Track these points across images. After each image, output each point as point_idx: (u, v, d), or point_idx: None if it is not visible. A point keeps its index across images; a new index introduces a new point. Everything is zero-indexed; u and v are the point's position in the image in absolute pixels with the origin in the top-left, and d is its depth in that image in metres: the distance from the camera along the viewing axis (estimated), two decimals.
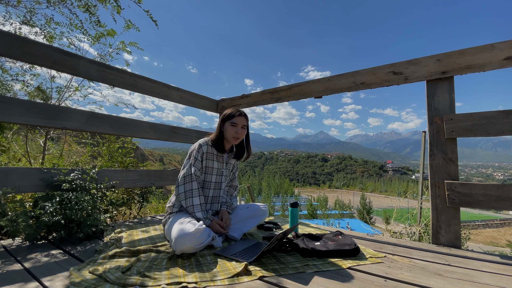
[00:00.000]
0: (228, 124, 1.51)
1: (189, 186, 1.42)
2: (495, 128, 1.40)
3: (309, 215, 11.16)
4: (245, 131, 1.56)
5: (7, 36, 1.47)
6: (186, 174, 1.44)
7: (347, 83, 1.98)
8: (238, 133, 1.51)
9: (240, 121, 1.51)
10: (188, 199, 1.41)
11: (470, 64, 1.50)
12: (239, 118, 1.51)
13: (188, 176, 1.44)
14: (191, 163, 1.46)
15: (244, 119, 1.53)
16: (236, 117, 1.51)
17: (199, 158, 1.48)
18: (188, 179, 1.43)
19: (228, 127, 1.51)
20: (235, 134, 1.50)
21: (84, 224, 1.47)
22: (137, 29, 2.68)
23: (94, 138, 3.01)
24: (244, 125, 1.54)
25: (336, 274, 1.04)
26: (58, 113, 1.66)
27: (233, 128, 1.50)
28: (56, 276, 1.00)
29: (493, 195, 1.38)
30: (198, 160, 1.48)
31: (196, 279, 0.95)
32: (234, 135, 1.50)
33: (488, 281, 0.99)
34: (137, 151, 12.43)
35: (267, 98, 2.47)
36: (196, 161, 1.47)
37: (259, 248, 1.29)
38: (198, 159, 1.48)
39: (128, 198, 2.39)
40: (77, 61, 1.73)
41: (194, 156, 1.48)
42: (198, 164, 1.47)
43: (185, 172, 1.45)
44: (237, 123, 1.50)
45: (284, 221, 2.13)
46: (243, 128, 1.53)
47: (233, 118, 1.51)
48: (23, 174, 1.54)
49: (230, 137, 1.51)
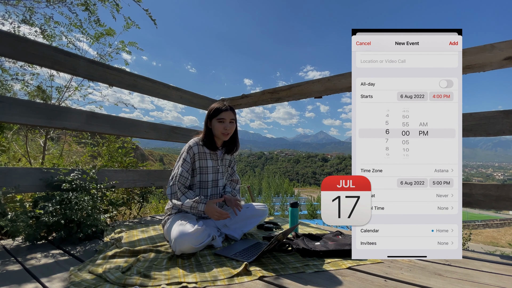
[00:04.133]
0: (215, 121, 1.45)
1: (175, 188, 1.39)
2: (495, 128, 1.40)
3: (309, 215, 11.17)
4: (234, 126, 1.50)
5: (7, 36, 1.47)
6: (173, 175, 1.42)
7: (347, 83, 1.98)
8: (227, 128, 1.45)
9: (227, 116, 1.45)
10: (175, 200, 1.38)
11: (470, 64, 1.50)
12: (226, 113, 1.45)
13: (175, 177, 1.41)
14: (179, 165, 1.44)
15: (231, 113, 1.47)
16: (223, 112, 1.44)
17: (188, 160, 1.44)
18: (174, 180, 1.40)
19: (215, 124, 1.46)
20: (224, 130, 1.45)
21: (84, 224, 1.47)
22: (137, 26, 2.68)
23: (94, 138, 3.01)
24: (232, 119, 1.48)
25: (336, 274, 1.04)
26: (58, 113, 1.66)
27: (221, 124, 1.45)
28: (56, 276, 1.00)
29: (493, 195, 1.38)
30: (187, 162, 1.44)
31: (196, 279, 0.95)
32: (223, 131, 1.45)
33: (488, 281, 0.99)
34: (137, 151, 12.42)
35: (267, 98, 2.47)
36: (184, 162, 1.43)
37: (259, 248, 1.29)
38: (188, 161, 1.44)
39: (128, 198, 2.39)
40: (77, 61, 1.73)
41: (183, 158, 1.44)
42: (186, 166, 1.44)
43: (173, 174, 1.43)
44: (225, 118, 1.44)
45: (284, 221, 2.13)
46: (232, 122, 1.47)
47: (220, 114, 1.44)
48: (23, 174, 1.54)
49: (219, 134, 1.46)
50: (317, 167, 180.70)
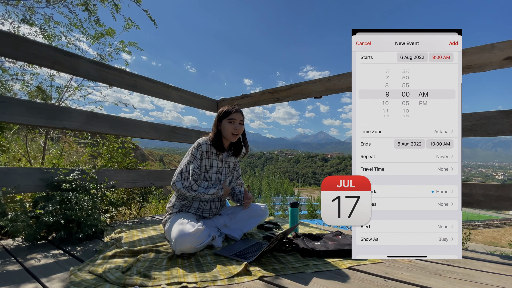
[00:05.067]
0: (226, 121, 1.51)
1: (188, 182, 1.40)
2: (495, 128, 1.40)
3: (309, 215, 11.16)
4: (243, 127, 1.56)
5: (7, 36, 1.47)
6: (184, 170, 1.42)
7: (347, 83, 1.98)
8: (237, 129, 1.51)
9: (237, 117, 1.51)
10: (192, 191, 1.40)
11: (470, 64, 1.50)
12: (236, 114, 1.51)
13: (186, 172, 1.42)
14: (189, 160, 1.45)
15: (240, 115, 1.54)
16: (233, 113, 1.51)
17: (198, 156, 1.47)
18: (185, 175, 1.41)
19: (226, 125, 1.51)
20: (234, 131, 1.50)
21: (84, 224, 1.46)
22: (137, 27, 2.68)
23: (94, 138, 3.01)
24: (241, 121, 1.54)
25: (336, 274, 1.04)
26: (58, 113, 1.66)
27: (231, 125, 1.50)
28: (56, 276, 1.00)
29: (493, 195, 1.38)
30: (197, 158, 1.47)
31: (196, 279, 0.95)
32: (233, 132, 1.50)
33: (488, 281, 0.99)
34: (137, 151, 12.43)
35: (267, 98, 2.47)
36: (195, 159, 1.46)
37: (259, 248, 1.29)
38: (197, 157, 1.47)
39: (128, 198, 2.39)
40: (77, 61, 1.73)
41: (193, 154, 1.47)
42: (197, 162, 1.46)
43: (183, 169, 1.43)
44: (235, 119, 1.50)
45: (284, 221, 2.13)
46: (241, 124, 1.53)
47: (230, 115, 1.51)
48: (23, 174, 1.54)
49: (229, 134, 1.51)
50: (317, 167, 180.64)
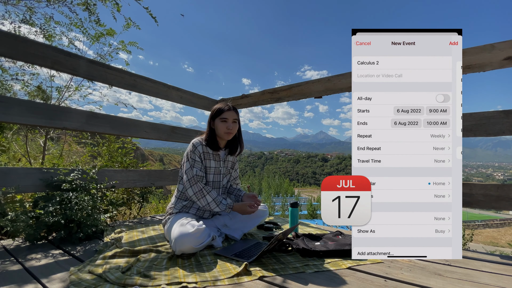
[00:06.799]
0: (218, 120, 1.47)
1: (197, 187, 1.40)
2: (495, 128, 1.40)
3: (309, 215, 11.15)
4: (237, 125, 1.52)
5: (7, 36, 1.46)
6: (190, 176, 1.42)
7: (347, 83, 1.98)
8: (230, 128, 1.47)
9: (230, 116, 1.47)
10: (201, 199, 1.40)
11: (470, 64, 1.50)
12: (228, 112, 1.47)
13: (192, 178, 1.42)
14: (191, 165, 1.44)
15: (234, 113, 1.49)
16: (226, 112, 1.47)
17: (197, 159, 1.46)
18: (193, 181, 1.41)
19: (218, 124, 1.47)
20: (227, 130, 1.46)
21: (84, 224, 1.47)
22: (137, 27, 2.68)
23: (94, 138, 3.01)
24: (235, 119, 1.50)
25: (336, 274, 1.04)
26: (58, 113, 1.66)
27: (224, 124, 1.46)
28: (56, 276, 1.00)
29: (493, 195, 1.38)
30: (197, 161, 1.45)
31: (196, 279, 0.95)
32: (226, 131, 1.46)
33: (488, 281, 0.99)
34: (137, 151, 12.41)
35: (267, 98, 2.47)
36: (195, 162, 1.45)
37: (259, 248, 1.29)
38: (197, 160, 1.45)
39: (128, 198, 2.39)
40: (77, 61, 1.73)
41: (192, 158, 1.45)
42: (198, 164, 1.45)
43: (188, 176, 1.43)
44: (227, 117, 1.46)
45: (284, 221, 2.13)
46: (234, 122, 1.49)
47: (223, 114, 1.47)
48: (23, 174, 1.54)
49: (222, 134, 1.48)
50: (317, 167, 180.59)
